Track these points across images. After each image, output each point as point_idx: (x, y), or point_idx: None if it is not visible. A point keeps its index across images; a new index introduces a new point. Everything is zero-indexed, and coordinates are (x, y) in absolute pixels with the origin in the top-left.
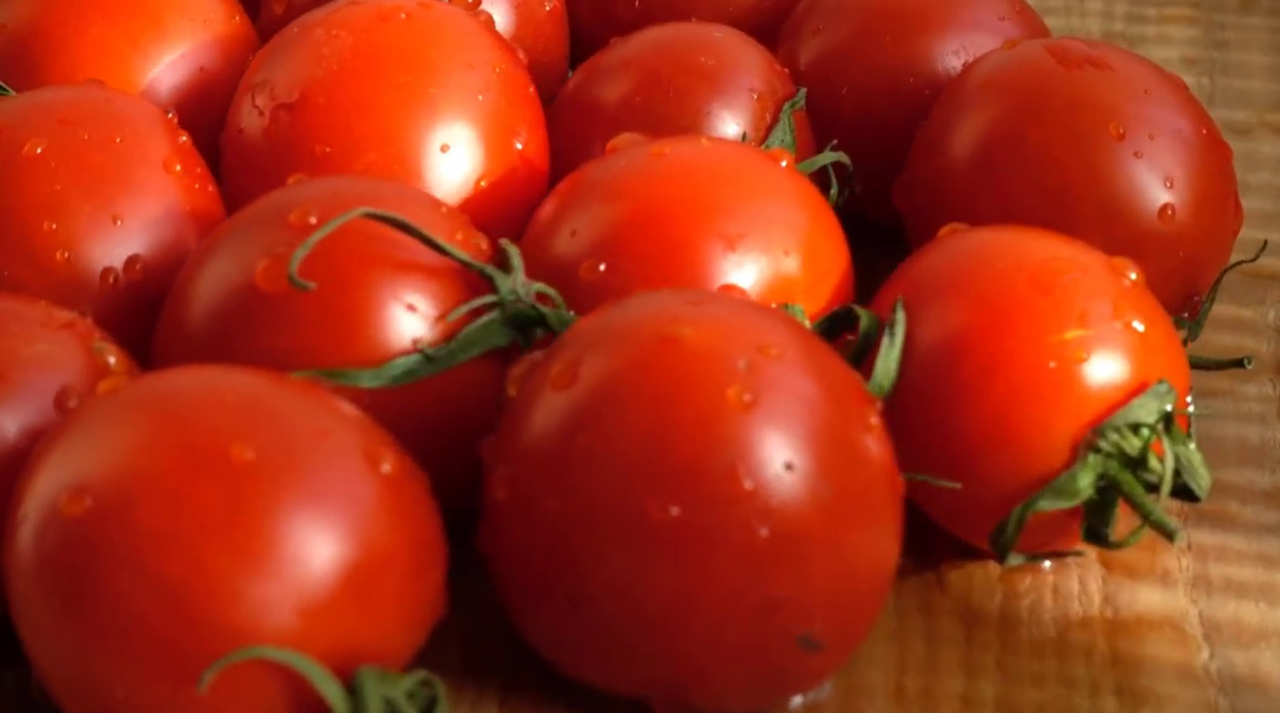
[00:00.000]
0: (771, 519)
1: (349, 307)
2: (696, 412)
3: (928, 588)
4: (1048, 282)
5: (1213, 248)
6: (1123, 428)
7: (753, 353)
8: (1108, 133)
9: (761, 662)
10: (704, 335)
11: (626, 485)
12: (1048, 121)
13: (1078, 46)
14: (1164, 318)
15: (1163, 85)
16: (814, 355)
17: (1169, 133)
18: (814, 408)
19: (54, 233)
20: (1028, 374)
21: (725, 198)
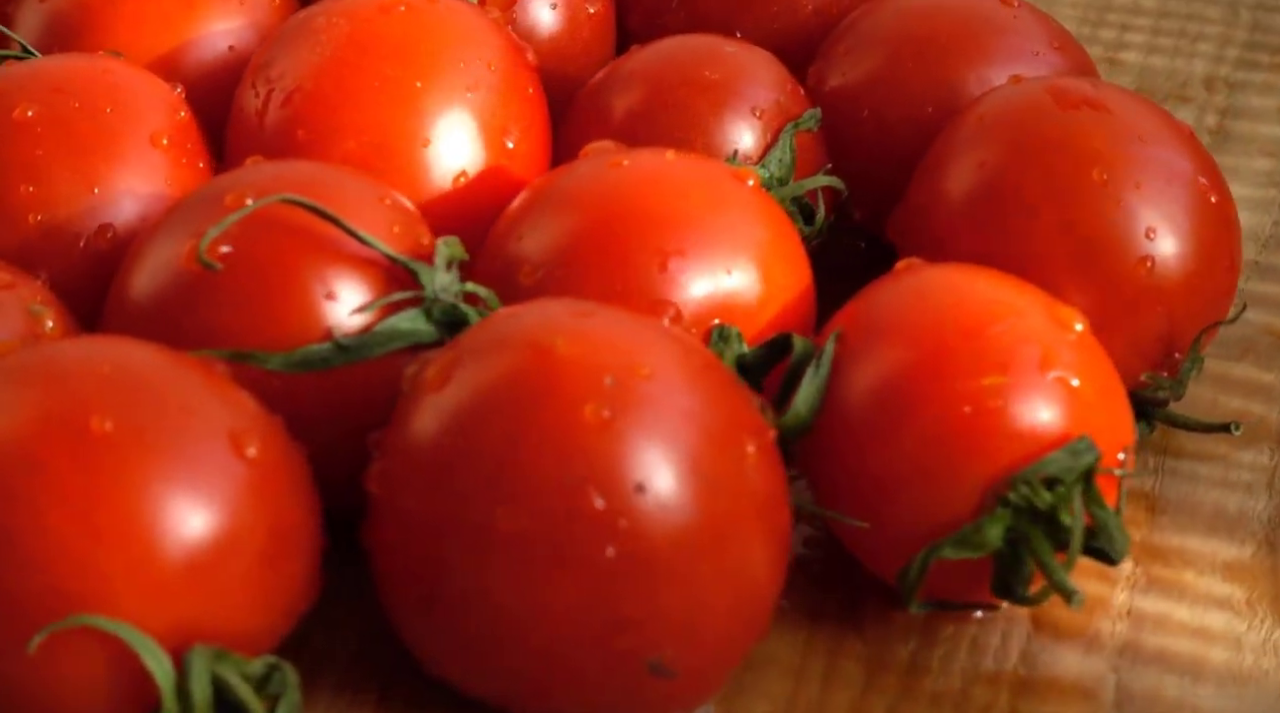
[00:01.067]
0: (620, 540)
1: (270, 290)
2: (552, 425)
3: (844, 628)
4: (976, 326)
5: (1199, 305)
6: (1034, 481)
7: (622, 371)
8: (1090, 177)
9: (611, 683)
10: (575, 349)
11: (479, 493)
12: (1029, 162)
13: (1080, 87)
14: (1106, 373)
15: (1163, 132)
16: (695, 378)
17: (1159, 182)
18: (677, 431)
19: (30, 195)
20: (941, 417)
21: (674, 213)
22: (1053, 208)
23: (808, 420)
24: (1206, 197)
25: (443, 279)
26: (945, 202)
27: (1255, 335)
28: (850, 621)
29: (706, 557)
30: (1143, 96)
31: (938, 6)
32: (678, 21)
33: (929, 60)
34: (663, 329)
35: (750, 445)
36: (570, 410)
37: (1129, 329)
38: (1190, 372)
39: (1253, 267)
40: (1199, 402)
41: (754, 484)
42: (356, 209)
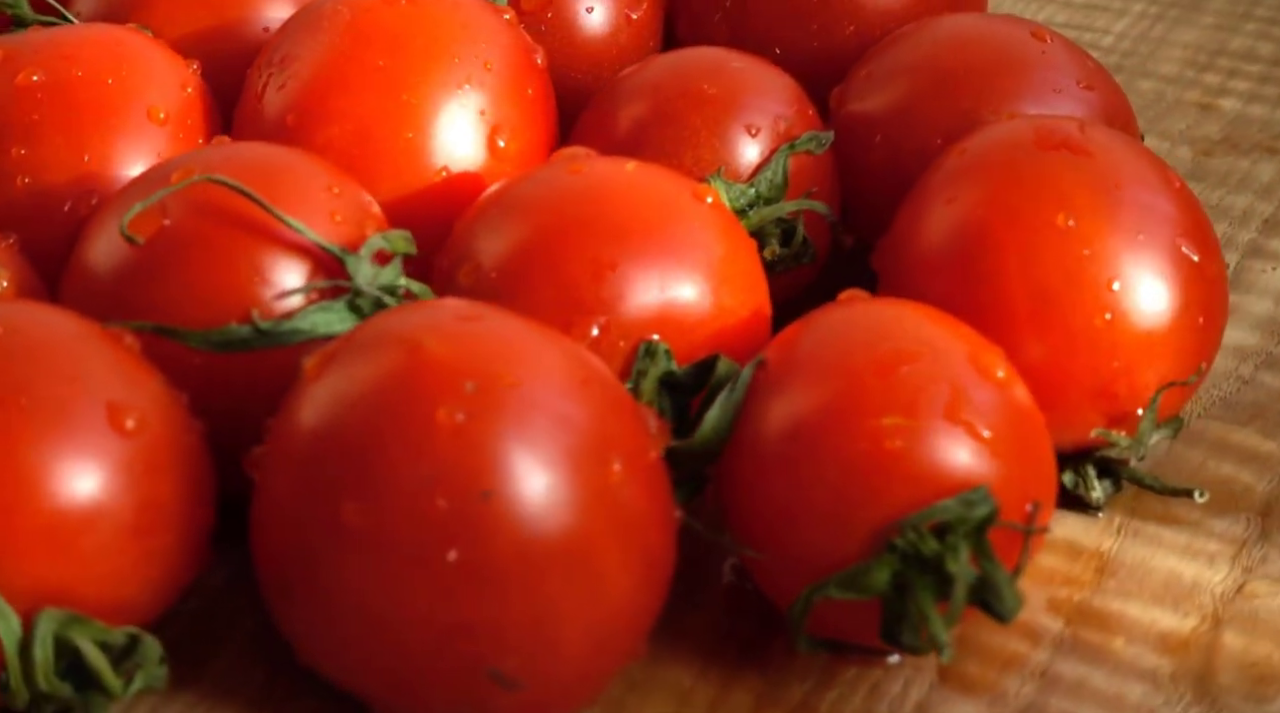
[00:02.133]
0: (462, 544)
1: (202, 269)
2: (406, 424)
3: (746, 659)
4: (888, 364)
5: (1162, 363)
6: (922, 528)
7: (486, 377)
8: (1055, 222)
9: (455, 687)
10: (444, 350)
11: (335, 485)
12: (998, 202)
13: (1067, 129)
14: (1026, 424)
15: (1146, 182)
16: (567, 391)
17: (1128, 233)
18: (533, 442)
19: (21, 157)
20: (837, 454)
21: (615, 224)
22: (1015, 250)
23: (713, 443)
24: (1181, 252)
25: (368, 271)
26: (918, 236)
27: (1268, 401)
28: (754, 653)
29: (556, 571)
30: (1139, 145)
31: (966, 38)
32: (721, 34)
33: (945, 92)
34: (551, 340)
35: (618, 463)
36: (425, 411)
37: (1083, 381)
38: (1149, 432)
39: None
40: (1185, 463)
41: (619, 503)
42: (295, 195)
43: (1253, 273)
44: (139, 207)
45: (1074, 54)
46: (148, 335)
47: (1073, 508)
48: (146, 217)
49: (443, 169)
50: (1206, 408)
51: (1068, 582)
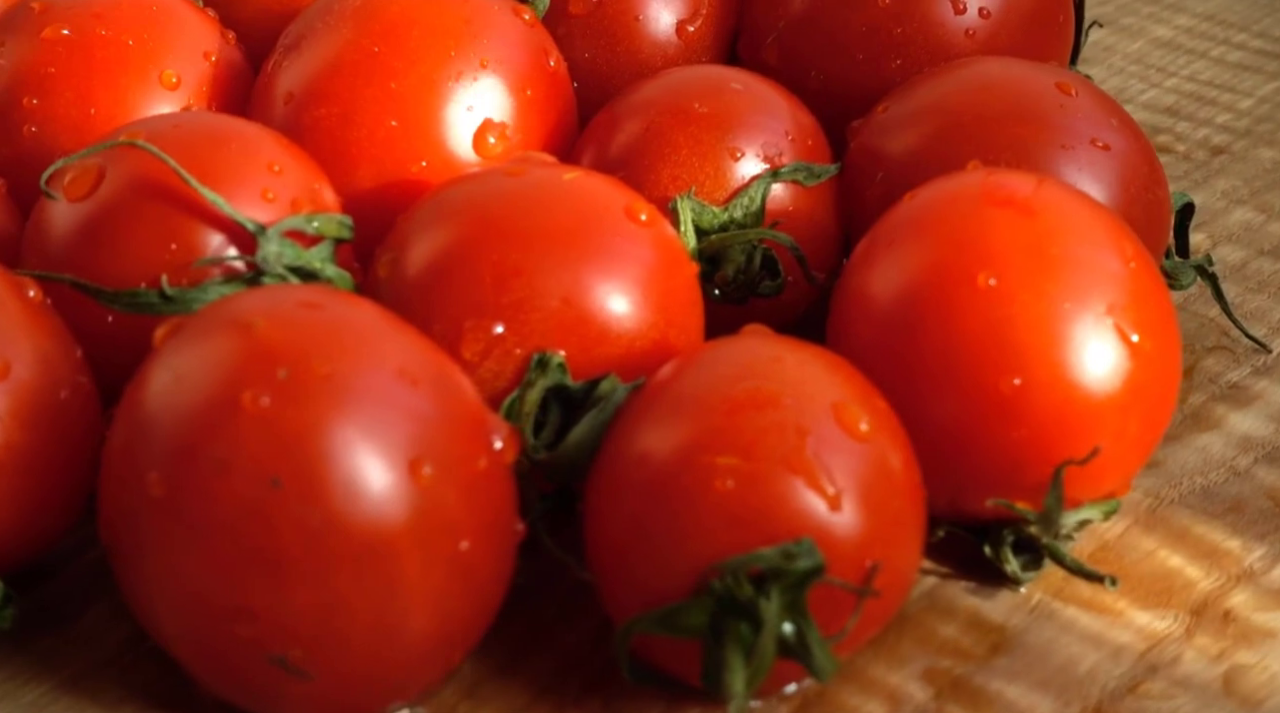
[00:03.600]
0: (247, 529)
1: (126, 231)
2: (210, 401)
3: (596, 686)
4: (741, 404)
5: (1076, 437)
6: (741, 574)
7: (301, 366)
8: (975, 280)
9: (245, 669)
10: (271, 335)
11: (144, 452)
12: (926, 254)
13: (1018, 185)
14: (886, 480)
15: (1091, 249)
16: (390, 390)
17: (1053, 299)
18: (332, 437)
19: (32, 108)
20: (672, 487)
21: (526, 230)
22: (932, 305)
23: (573, 460)
24: (1113, 325)
25: (274, 249)
26: (857, 279)
27: (1251, 497)
28: (604, 681)
29: (346, 566)
30: (1101, 213)
31: (987, 85)
32: (771, 56)
33: (951, 138)
34: (395, 336)
35: (430, 467)
36: (232, 393)
37: (988, 447)
38: (1056, 509)
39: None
40: (1133, 548)
41: (426, 506)
42: (229, 168)
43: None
44: (59, 163)
45: (1100, 111)
46: (72, 291)
47: (995, 579)
48: (82, 177)
49: (422, 162)
50: (1183, 495)
51: (955, 653)
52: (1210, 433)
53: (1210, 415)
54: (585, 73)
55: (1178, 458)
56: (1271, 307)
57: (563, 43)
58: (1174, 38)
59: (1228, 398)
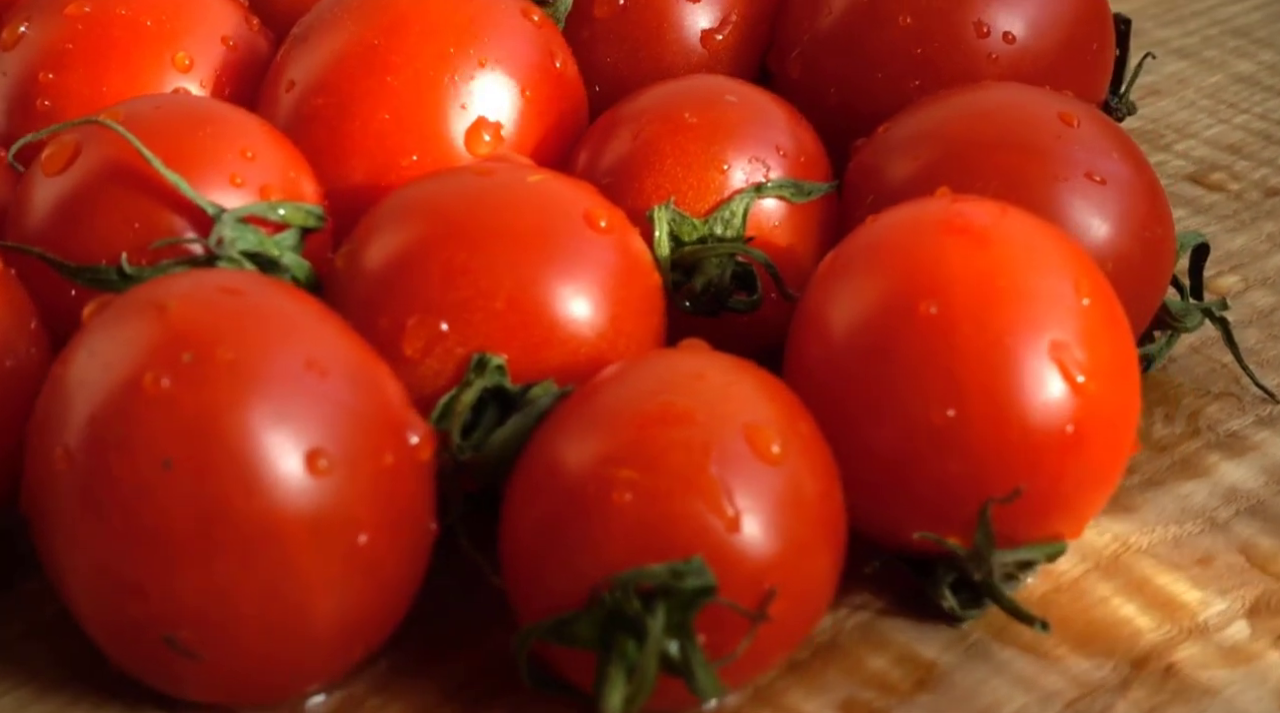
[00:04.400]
0: (138, 508)
1: (93, 207)
2: (116, 383)
3: (503, 687)
4: (652, 418)
5: (1005, 475)
6: (629, 588)
7: (206, 350)
8: (918, 308)
9: (135, 645)
10: (183, 318)
11: (53, 427)
12: (873, 279)
13: (978, 213)
14: (794, 506)
15: (1043, 283)
16: (296, 380)
17: (994, 331)
18: (228, 422)
19: (47, 82)
20: (574, 497)
21: (479, 230)
22: (873, 331)
23: (496, 461)
24: (1056, 362)
25: (229, 233)
26: (812, 300)
27: (1222, 551)
28: (519, 686)
29: (234, 552)
30: (1065, 245)
31: (988, 112)
32: (795, 70)
33: (941, 165)
34: (317, 328)
35: (326, 460)
36: (136, 372)
37: (919, 481)
38: (987, 547)
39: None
40: (1087, 594)
41: (320, 498)
42: (199, 152)
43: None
44: (26, 138)
45: (1101, 143)
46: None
47: (940, 616)
48: (59, 153)
49: (413, 156)
50: (1153, 543)
51: (880, 686)
52: (1196, 481)
53: (1200, 463)
54: (608, 77)
55: (1157, 504)
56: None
57: (585, 46)
58: (1254, 73)
59: (1223, 446)
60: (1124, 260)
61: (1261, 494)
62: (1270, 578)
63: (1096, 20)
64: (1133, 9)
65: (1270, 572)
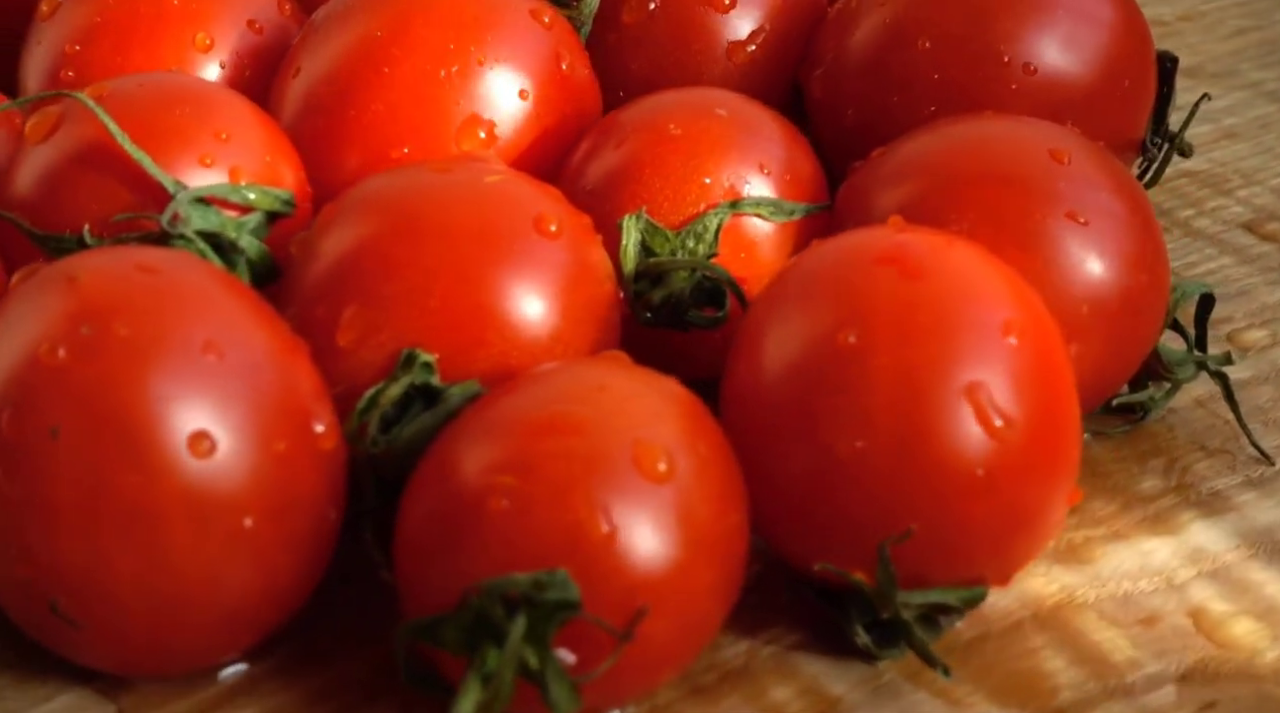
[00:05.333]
0: (26, 474)
1: (69, 175)
2: (19, 350)
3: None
4: (539, 426)
5: (911, 512)
6: (494, 595)
7: (104, 325)
8: (838, 338)
9: (27, 608)
10: (89, 292)
11: None
12: (800, 306)
13: (916, 245)
14: (673, 527)
15: (972, 320)
16: (190, 361)
17: (909, 365)
18: (114, 397)
19: (74, 54)
20: (454, 498)
21: (421, 227)
22: (795, 357)
23: (403, 457)
24: (973, 403)
25: (182, 212)
26: (744, 326)
27: (1172, 611)
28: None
29: (112, 525)
30: (1012, 285)
31: (977, 145)
32: (817, 89)
33: (921, 197)
34: (226, 309)
35: (209, 441)
36: (36, 341)
37: (828, 512)
38: (888, 584)
39: None
40: (1017, 644)
41: (199, 479)
42: (172, 131)
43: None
44: (4, 106)
45: (1090, 183)
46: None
47: (855, 652)
48: (42, 122)
49: (405, 148)
50: (1101, 597)
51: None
52: (1164, 538)
53: (1173, 520)
54: (634, 84)
55: (1116, 558)
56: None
57: (612, 51)
58: None
59: (1203, 505)
60: (1103, 303)
61: (1227, 558)
62: (1213, 645)
63: (1134, 56)
64: (1232, 49)
65: (1215, 639)
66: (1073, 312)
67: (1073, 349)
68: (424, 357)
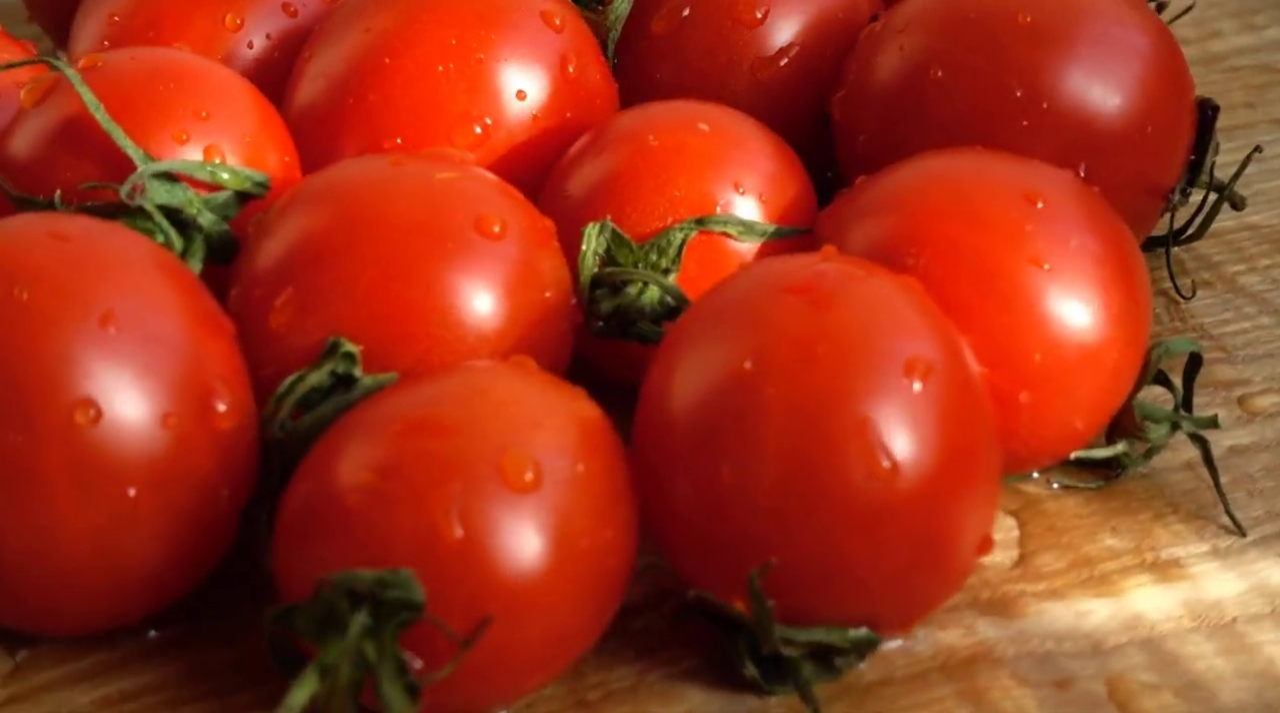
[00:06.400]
0: None
1: (49, 141)
2: None
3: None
4: (410, 427)
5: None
6: (342, 589)
7: (5, 290)
8: (736, 365)
9: None
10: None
11: None
12: (702, 335)
13: (828, 275)
14: (533, 537)
15: (873, 351)
16: (80, 334)
17: (802, 396)
18: (4, 360)
19: (112, 24)
20: (319, 491)
21: (362, 222)
22: (690, 386)
23: (300, 441)
24: (863, 438)
25: (146, 185)
26: (664, 344)
27: (1089, 678)
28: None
29: None
30: (929, 320)
31: (950, 181)
32: (837, 111)
33: (889, 227)
34: (135, 286)
35: (95, 411)
36: None
37: (706, 539)
38: (764, 618)
39: None
40: (922, 692)
41: (82, 447)
42: (153, 106)
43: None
44: None
45: (1063, 228)
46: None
47: (749, 686)
48: (38, 87)
49: (397, 138)
50: (1019, 655)
51: None
52: (1104, 600)
53: (1119, 584)
54: (660, 92)
55: (1048, 617)
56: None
57: (640, 59)
58: None
59: (1156, 570)
60: (1060, 352)
61: (1164, 628)
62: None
63: (1166, 101)
64: None
65: (1128, 710)
66: (1025, 358)
67: (1023, 396)
68: (347, 347)
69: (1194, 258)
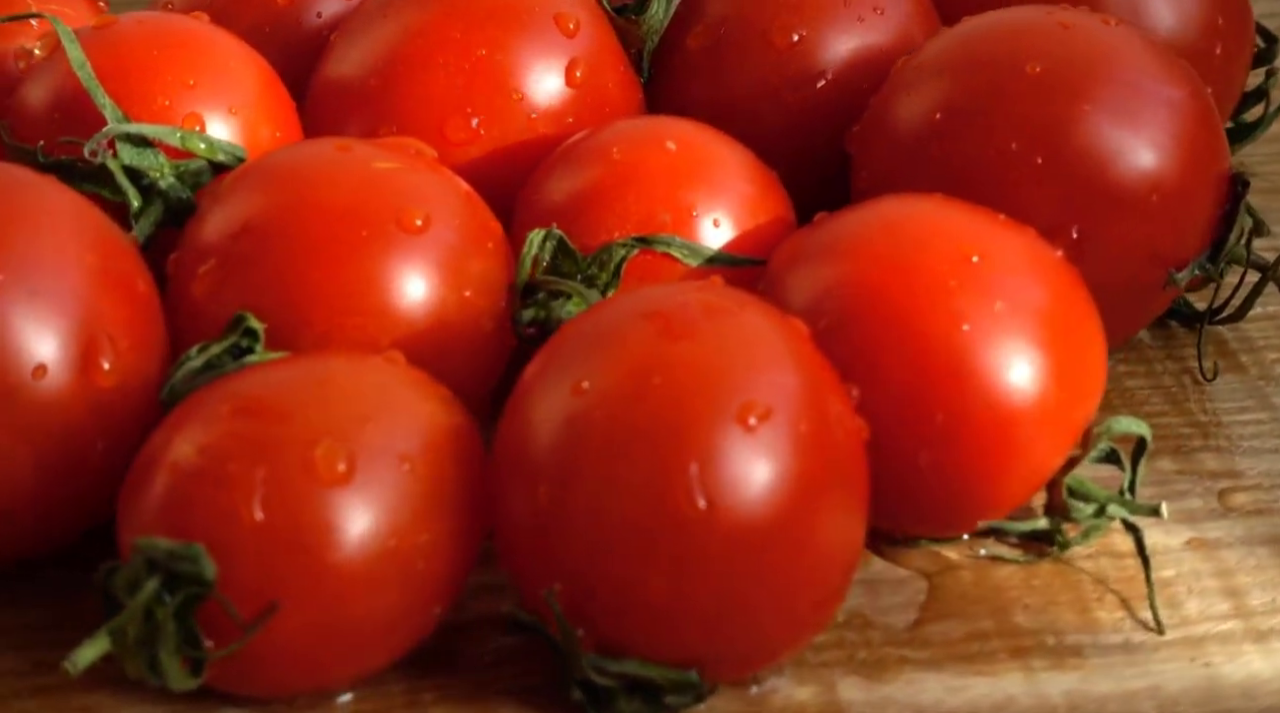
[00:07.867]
0: None
1: (47, 92)
2: None
3: None
4: (247, 409)
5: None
6: (139, 554)
7: None
8: (577, 386)
9: None
10: None
11: None
12: (563, 355)
13: (700, 308)
14: (338, 529)
15: (720, 389)
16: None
17: (624, 434)
18: None
19: None
20: (150, 461)
21: (287, 203)
22: (535, 400)
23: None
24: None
25: (120, 146)
26: None
27: None
28: None
29: None
30: (802, 363)
31: (894, 227)
32: (851, 144)
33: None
34: (38, 238)
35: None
36: None
37: (534, 562)
38: (570, 643)
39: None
40: None
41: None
42: (140, 70)
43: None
44: None
45: (993, 288)
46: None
47: None
48: (48, 40)
49: (392, 127)
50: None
51: None
52: (982, 678)
53: (1004, 663)
54: (691, 108)
55: (917, 687)
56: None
57: (674, 74)
58: None
59: (1051, 655)
60: (964, 414)
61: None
62: None
63: (1184, 168)
64: None
65: None
66: (927, 418)
67: (922, 457)
68: (251, 322)
69: (1238, 338)
